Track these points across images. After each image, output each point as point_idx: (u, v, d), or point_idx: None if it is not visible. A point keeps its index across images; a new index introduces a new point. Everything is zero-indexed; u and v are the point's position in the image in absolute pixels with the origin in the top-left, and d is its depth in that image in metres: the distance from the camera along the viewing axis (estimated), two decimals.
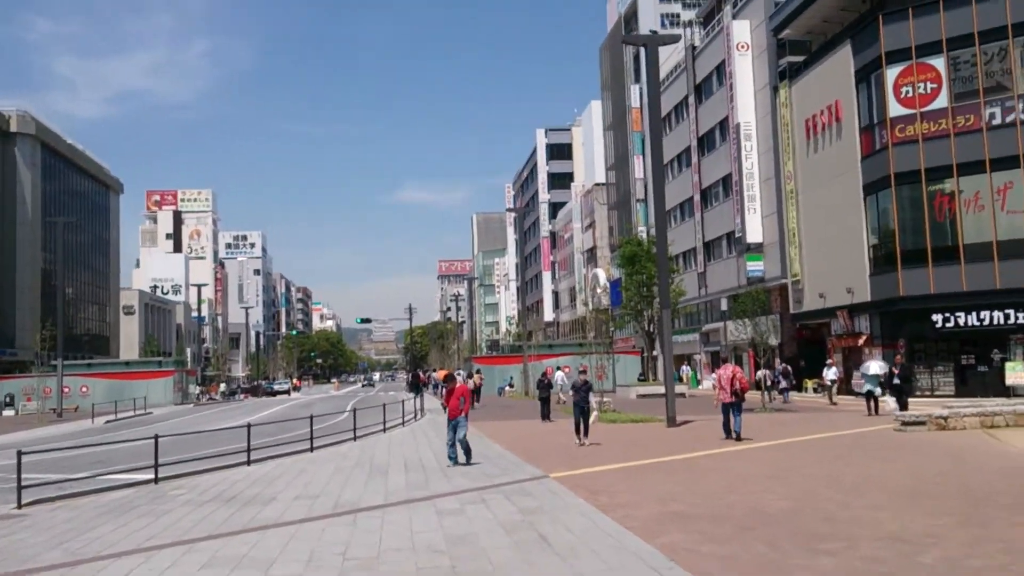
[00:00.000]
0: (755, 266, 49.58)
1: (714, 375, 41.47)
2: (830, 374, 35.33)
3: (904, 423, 21.74)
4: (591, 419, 20.66)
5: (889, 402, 24.72)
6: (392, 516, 11.07)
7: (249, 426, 19.03)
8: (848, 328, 41.29)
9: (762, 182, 49.23)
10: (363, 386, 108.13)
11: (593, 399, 21.37)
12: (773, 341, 37.21)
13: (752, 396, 27.63)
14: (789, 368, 38.93)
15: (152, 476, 15.97)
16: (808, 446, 18.81)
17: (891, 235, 37.99)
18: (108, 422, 41.53)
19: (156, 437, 16.25)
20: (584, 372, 22.62)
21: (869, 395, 27.51)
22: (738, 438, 20.09)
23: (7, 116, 76.42)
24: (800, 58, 45.66)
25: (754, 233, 49.62)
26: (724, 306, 46.48)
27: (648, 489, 12.79)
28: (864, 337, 40.12)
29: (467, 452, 16.74)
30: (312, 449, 20.88)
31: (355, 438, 23.64)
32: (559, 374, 48.19)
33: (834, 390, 34.99)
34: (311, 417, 22.28)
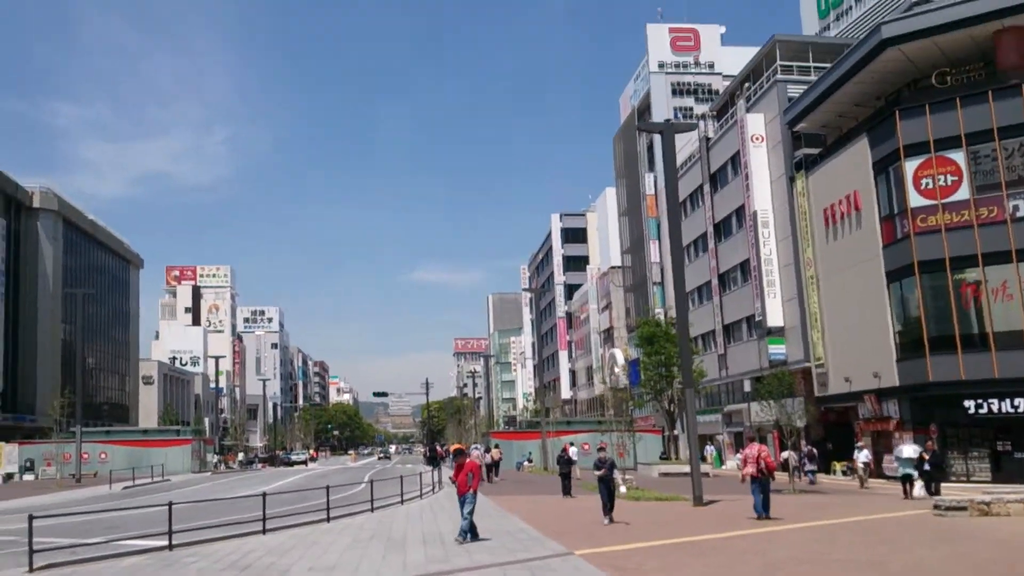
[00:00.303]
0: (777, 349, 49.07)
1: (739, 455, 41.03)
2: (861, 457, 34.45)
3: (945, 508, 21.05)
4: (619, 493, 20.08)
5: (918, 488, 24.01)
6: None
7: (264, 495, 18.70)
8: (876, 412, 40.57)
9: (781, 268, 48.98)
10: (379, 458, 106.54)
11: (618, 475, 20.89)
12: (799, 423, 36.62)
13: (779, 477, 27.06)
14: (815, 451, 38.28)
15: (167, 543, 15.62)
16: (844, 529, 18.19)
17: (917, 322, 37.41)
18: (126, 488, 41.20)
19: (170, 504, 15.92)
20: (603, 449, 21.93)
21: (905, 479, 26.95)
22: (766, 516, 19.91)
23: (30, 192, 77.72)
24: (816, 150, 45.74)
25: (775, 317, 49.22)
26: (747, 387, 45.94)
27: (679, 570, 12.35)
28: (894, 421, 39.39)
29: (472, 530, 16.05)
30: (328, 519, 20.47)
31: (372, 509, 23.21)
32: (572, 449, 47.70)
33: (865, 473, 34.11)
34: (327, 488, 21.88)
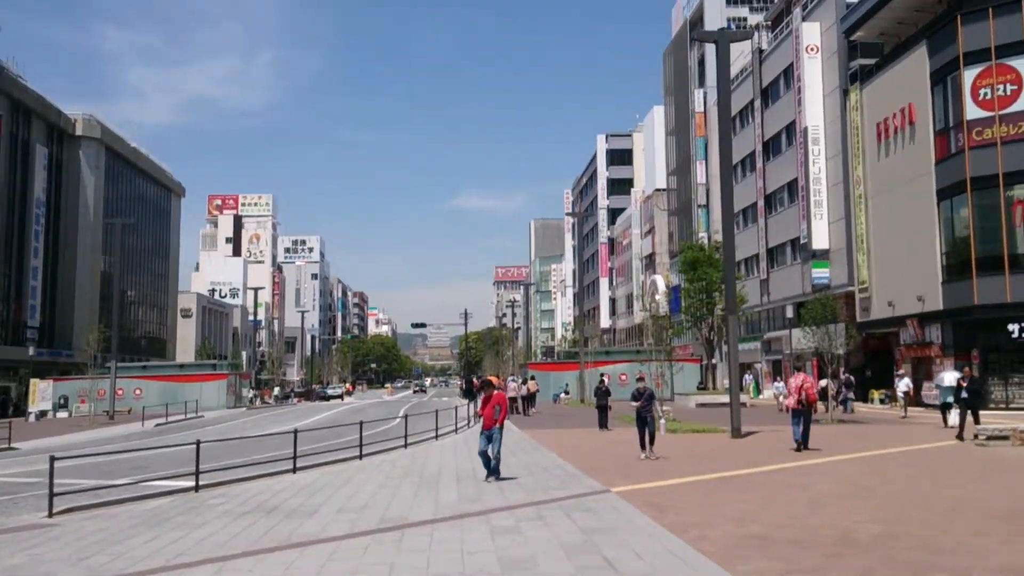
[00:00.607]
0: (821, 273, 48.01)
1: (778, 383, 40.38)
2: (901, 385, 33.74)
3: (987, 437, 20.41)
4: (658, 429, 19.18)
5: (952, 417, 23.05)
6: (442, 534, 10.16)
7: (296, 432, 18.29)
8: (918, 338, 39.64)
9: (829, 187, 47.70)
10: (414, 392, 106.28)
11: (658, 407, 19.92)
12: (839, 350, 35.73)
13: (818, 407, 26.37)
14: (852, 378, 37.53)
15: (193, 484, 15.25)
16: (886, 461, 17.55)
17: (965, 242, 36.35)
18: (158, 425, 41.30)
19: (198, 443, 15.52)
20: (642, 379, 20.14)
21: (945, 407, 26.14)
22: (805, 447, 19.69)
23: (72, 120, 77.11)
24: (871, 60, 44.07)
25: (820, 239, 48.08)
26: (789, 313, 45.01)
27: (720, 507, 11.72)
28: (936, 347, 38.47)
29: (496, 467, 15.32)
30: (361, 457, 20.10)
31: (406, 445, 22.85)
32: (606, 380, 47.12)
33: (905, 402, 33.26)
34: (360, 423, 21.48)
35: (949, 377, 26.65)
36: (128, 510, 13.13)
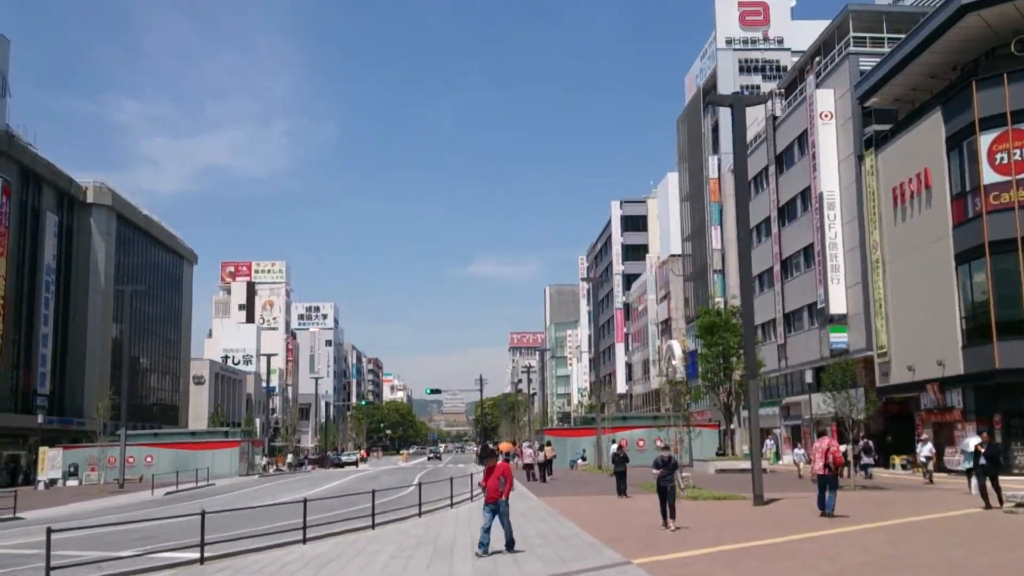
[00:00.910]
0: (839, 338, 47.48)
1: (796, 450, 39.61)
2: (924, 451, 32.89)
3: (1016, 504, 19.78)
4: (678, 496, 18.30)
5: (972, 486, 22.07)
6: None
7: (305, 501, 17.78)
8: (939, 403, 38.95)
9: (846, 252, 47.41)
10: (429, 458, 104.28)
11: (679, 476, 19.10)
12: (860, 415, 35.12)
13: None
14: (871, 443, 36.87)
15: (198, 555, 14.76)
16: (914, 529, 16.93)
17: (985, 306, 35.85)
18: (168, 493, 40.65)
19: (203, 513, 15.07)
20: (667, 448, 19.22)
21: (970, 472, 25.43)
22: (831, 514, 19.34)
23: (84, 187, 77.60)
24: (886, 127, 44.14)
25: (838, 304, 47.63)
26: (809, 378, 44.35)
27: None
28: (957, 412, 37.77)
29: (510, 540, 14.59)
30: (374, 526, 19.56)
31: (420, 514, 22.27)
32: (613, 446, 46.37)
33: (930, 467, 32.33)
34: (373, 492, 20.95)
35: (974, 442, 25.98)
36: None
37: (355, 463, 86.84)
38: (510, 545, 14.49)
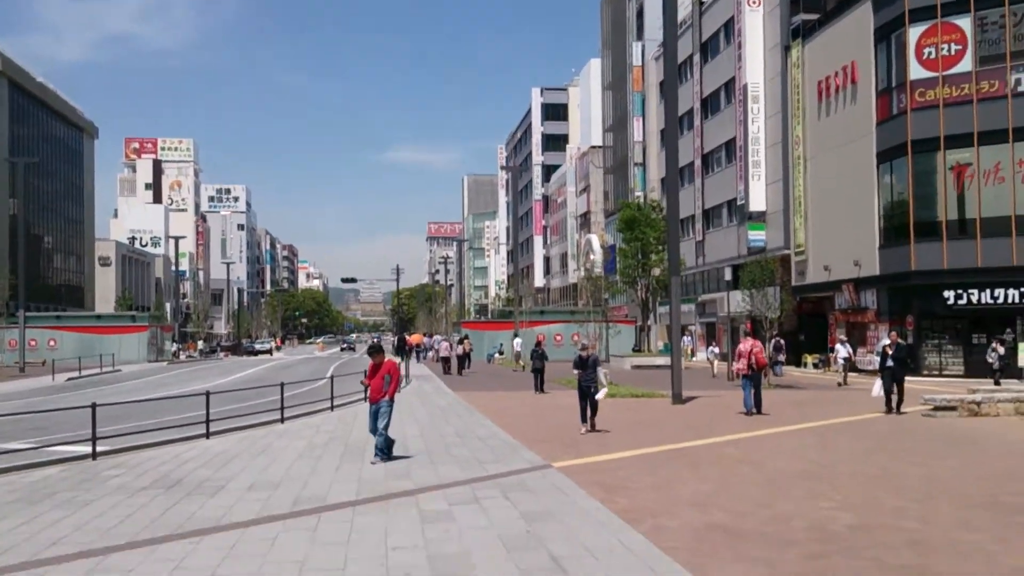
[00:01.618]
0: (757, 235, 47.51)
1: (712, 348, 39.77)
2: (843, 351, 32.62)
3: (935, 407, 19.79)
4: (599, 395, 16.72)
5: (875, 387, 20.93)
6: (364, 519, 8.91)
7: (208, 394, 16.80)
8: (854, 303, 39.33)
9: (768, 147, 47.02)
10: (342, 349, 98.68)
11: (602, 372, 17.35)
12: (775, 314, 35.30)
13: None
14: (783, 342, 37.15)
15: (92, 450, 13.77)
16: (838, 432, 16.75)
17: (904, 206, 36.01)
18: (70, 379, 39.11)
19: (94, 405, 13.99)
20: (587, 347, 17.64)
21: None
22: (758, 412, 19.75)
23: None
24: (815, 16, 43.29)
25: (757, 201, 47.49)
26: (728, 276, 44.42)
27: (675, 488, 10.66)
28: (871, 312, 38.19)
29: (387, 447, 13.03)
30: (283, 420, 18.74)
31: (332, 408, 21.50)
32: (516, 340, 46.23)
33: (845, 369, 32.27)
34: (281, 384, 20.05)
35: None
36: (11, 481, 11.66)
37: (269, 351, 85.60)
38: (382, 451, 12.96)
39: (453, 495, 10.20)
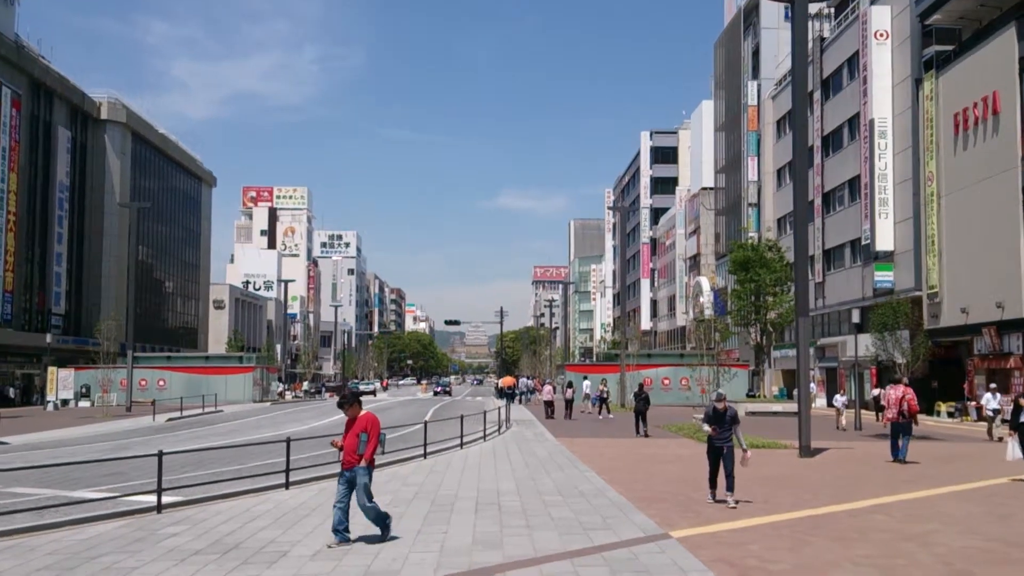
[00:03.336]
0: (884, 276, 44.58)
1: (838, 397, 36.93)
2: (993, 402, 28.34)
3: None
4: (739, 460, 13.10)
5: (1013, 449, 16.83)
6: None
7: (289, 441, 15.40)
8: (995, 348, 36.18)
9: (896, 184, 44.23)
10: (435, 394, 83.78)
11: (740, 434, 13.22)
12: (902, 359, 32.50)
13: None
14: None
15: (156, 501, 12.44)
16: (1008, 496, 14.19)
17: None
18: (170, 420, 38.61)
19: (160, 454, 12.66)
20: (723, 397, 13.36)
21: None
22: (903, 460, 18.93)
23: (98, 103, 74.85)
24: (949, 47, 40.57)
25: (884, 240, 44.61)
26: (855, 318, 41.27)
27: (824, 573, 8.63)
28: (1015, 358, 35.01)
29: (379, 521, 10.19)
30: None
31: (425, 455, 19.91)
32: (586, 383, 44.29)
33: (998, 421, 27.72)
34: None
35: None
36: (57, 539, 10.36)
37: (372, 392, 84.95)
38: (382, 525, 10.24)
39: (550, 574, 8.39)
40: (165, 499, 12.88)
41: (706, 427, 13.31)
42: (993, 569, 8.85)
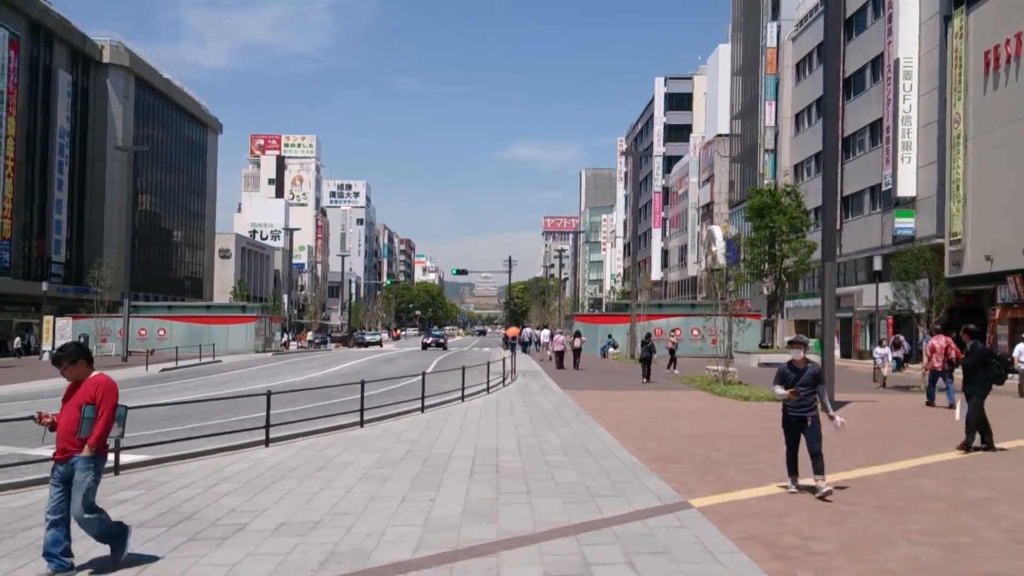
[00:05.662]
0: (905, 223, 42.99)
1: (878, 349, 35.38)
2: None
3: None
4: (836, 423, 10.20)
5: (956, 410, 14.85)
6: None
7: (269, 394, 14.10)
8: (1021, 296, 34.70)
9: (920, 127, 42.44)
10: (424, 347, 70.88)
11: (827, 401, 10.31)
12: (921, 308, 31.21)
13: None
14: (902, 338, 34.96)
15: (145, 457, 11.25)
16: None
17: None
18: (164, 370, 37.44)
19: (124, 408, 11.31)
20: (802, 343, 10.28)
21: None
22: (951, 405, 18.19)
23: (100, 46, 73.01)
24: None
25: (907, 186, 42.94)
26: (877, 265, 39.76)
27: (883, 554, 7.26)
28: None
29: (109, 537, 6.87)
30: (362, 423, 16.01)
31: (423, 408, 18.64)
32: (544, 332, 43.27)
33: None
34: (362, 383, 17.24)
35: None
36: (13, 500, 9.14)
37: (379, 343, 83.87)
38: (108, 539, 6.89)
39: (552, 556, 7.06)
40: (127, 458, 11.70)
41: (779, 391, 10.03)
42: None
